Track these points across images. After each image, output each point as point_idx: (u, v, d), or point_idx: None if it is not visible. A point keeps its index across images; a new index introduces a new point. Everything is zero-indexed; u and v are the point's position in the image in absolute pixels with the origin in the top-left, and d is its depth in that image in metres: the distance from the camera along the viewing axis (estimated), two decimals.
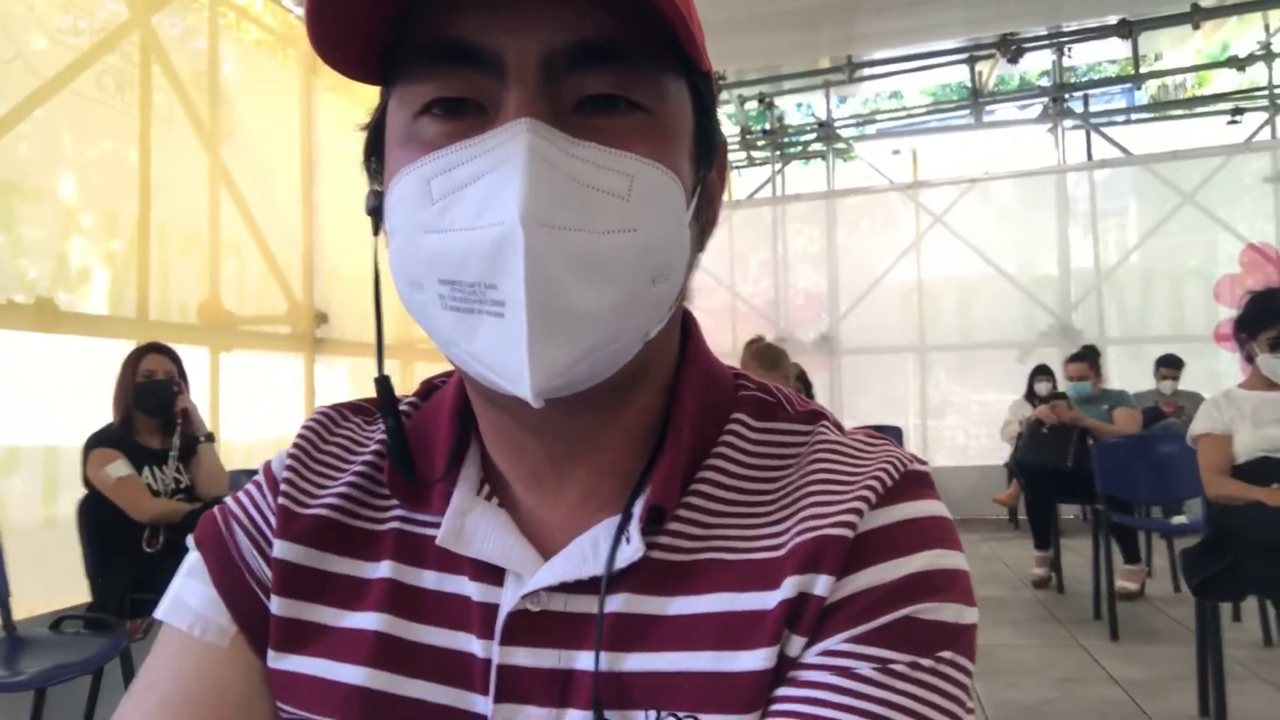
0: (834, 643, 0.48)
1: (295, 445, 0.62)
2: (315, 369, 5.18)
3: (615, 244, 0.46)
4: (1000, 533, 7.12)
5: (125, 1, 4.10)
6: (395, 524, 0.58)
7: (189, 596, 0.58)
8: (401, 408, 0.63)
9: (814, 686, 0.48)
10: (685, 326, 0.60)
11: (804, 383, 5.29)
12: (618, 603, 0.51)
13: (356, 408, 0.66)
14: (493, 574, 0.54)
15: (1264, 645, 3.75)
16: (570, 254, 0.45)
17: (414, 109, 0.49)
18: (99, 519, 2.94)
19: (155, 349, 3.21)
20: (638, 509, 0.53)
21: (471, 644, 0.53)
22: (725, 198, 0.56)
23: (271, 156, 5.15)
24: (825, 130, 9.26)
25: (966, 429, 8.29)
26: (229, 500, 0.63)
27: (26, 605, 2.69)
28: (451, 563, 0.55)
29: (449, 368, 0.58)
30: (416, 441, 0.59)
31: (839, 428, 0.58)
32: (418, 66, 0.49)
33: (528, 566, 0.53)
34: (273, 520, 0.59)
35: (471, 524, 0.55)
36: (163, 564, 2.92)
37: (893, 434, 6.77)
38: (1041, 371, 6.20)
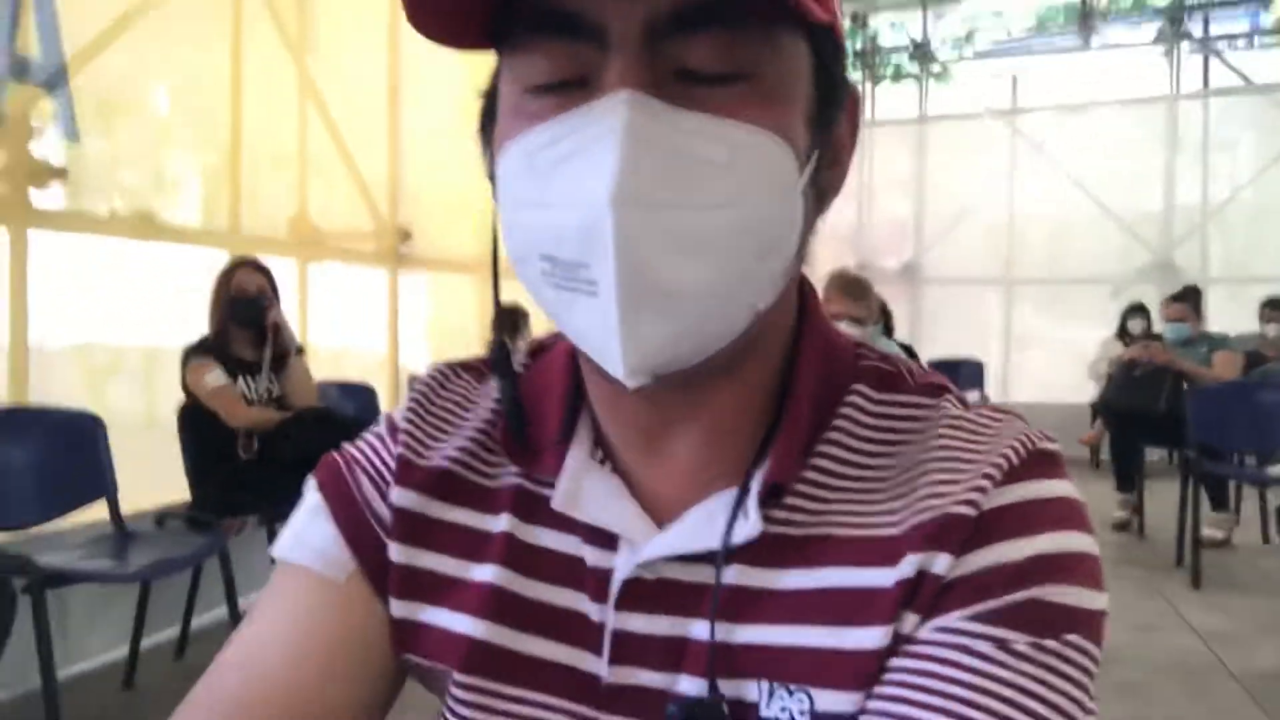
0: (951, 620, 0.47)
1: (411, 399, 0.63)
2: (399, 283, 5.27)
3: (715, 219, 0.44)
4: (1081, 473, 6.97)
5: None
6: (512, 480, 0.58)
7: (310, 535, 0.59)
8: (520, 364, 0.64)
9: (928, 660, 0.47)
10: (803, 293, 0.58)
11: (885, 314, 5.19)
12: (732, 574, 0.51)
13: (467, 366, 0.66)
14: (607, 539, 0.54)
15: None
16: (665, 232, 0.43)
17: (520, 83, 0.48)
18: (197, 425, 3.09)
19: (248, 264, 3.31)
20: (755, 484, 0.52)
21: (585, 604, 0.54)
22: None
23: (357, 71, 5.17)
24: (920, 50, 8.90)
25: (1051, 365, 8.07)
26: (348, 446, 0.64)
27: (131, 500, 2.85)
28: (567, 524, 0.55)
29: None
30: (529, 404, 0.59)
31: (963, 402, 0.56)
32: (523, 37, 0.47)
33: (641, 534, 0.53)
34: (394, 467, 0.59)
35: (587, 488, 0.55)
36: (256, 468, 3.08)
37: (973, 367, 6.63)
38: (1136, 310, 5.98)
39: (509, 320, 5.04)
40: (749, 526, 0.51)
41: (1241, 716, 2.68)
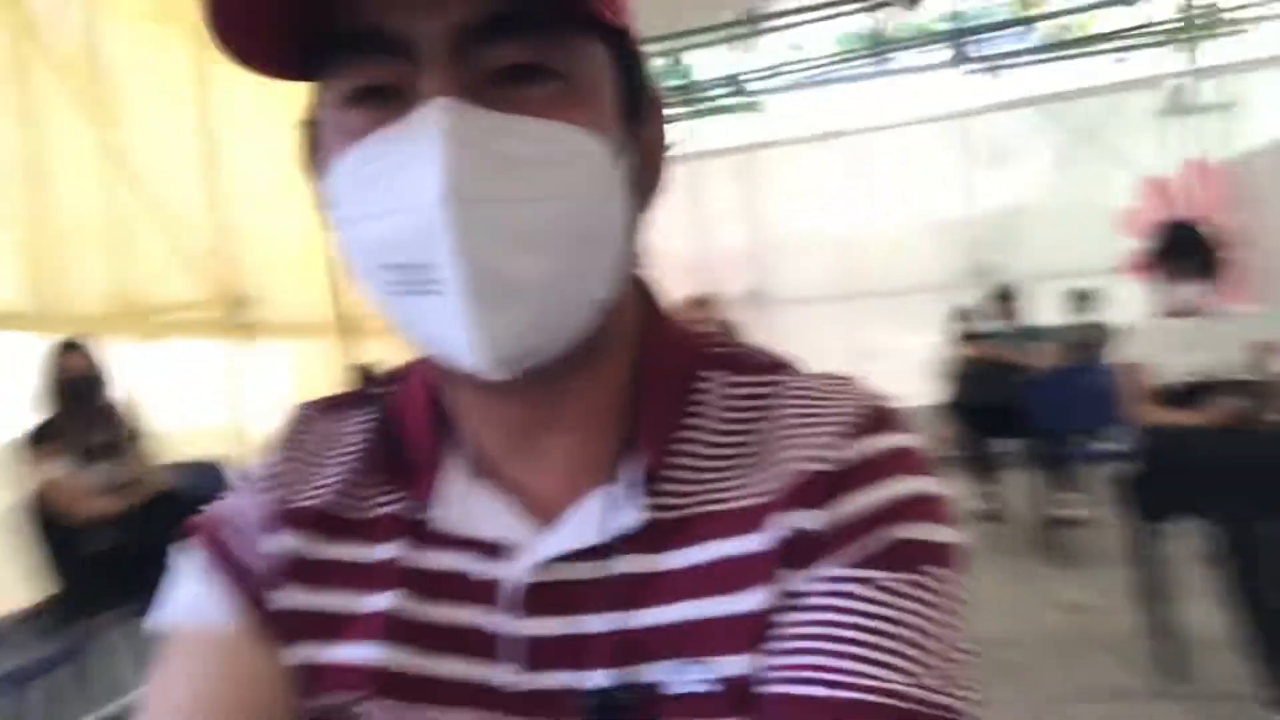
0: (824, 569, 0.51)
1: (278, 442, 0.63)
2: (241, 352, 5.00)
3: (540, 211, 0.47)
4: (940, 470, 7.31)
5: None
6: (392, 508, 0.58)
7: (189, 598, 0.59)
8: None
9: (810, 610, 0.50)
10: (647, 294, 0.61)
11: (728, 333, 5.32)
12: (620, 564, 0.53)
13: (330, 403, 0.66)
14: (495, 550, 0.55)
15: (1198, 562, 3.93)
16: (497, 226, 0.46)
17: (339, 102, 0.50)
18: (37, 521, 2.88)
19: (76, 345, 3.13)
20: (628, 474, 0.54)
21: (483, 618, 0.55)
22: None
23: (167, 137, 4.91)
24: (734, 83, 9.26)
25: (896, 372, 8.49)
26: (212, 506, 0.63)
27: None
28: (454, 542, 0.56)
29: (390, 346, 0.56)
30: (397, 430, 0.60)
31: (804, 373, 0.60)
32: (334, 58, 0.49)
33: (528, 539, 0.55)
34: (265, 516, 0.59)
35: (468, 504, 0.56)
36: (105, 561, 2.87)
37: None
38: (961, 312, 6.37)
39: (361, 380, 4.88)
40: (630, 515, 0.53)
41: (1114, 679, 2.87)
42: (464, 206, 0.44)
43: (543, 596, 0.54)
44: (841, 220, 8.76)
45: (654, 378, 0.57)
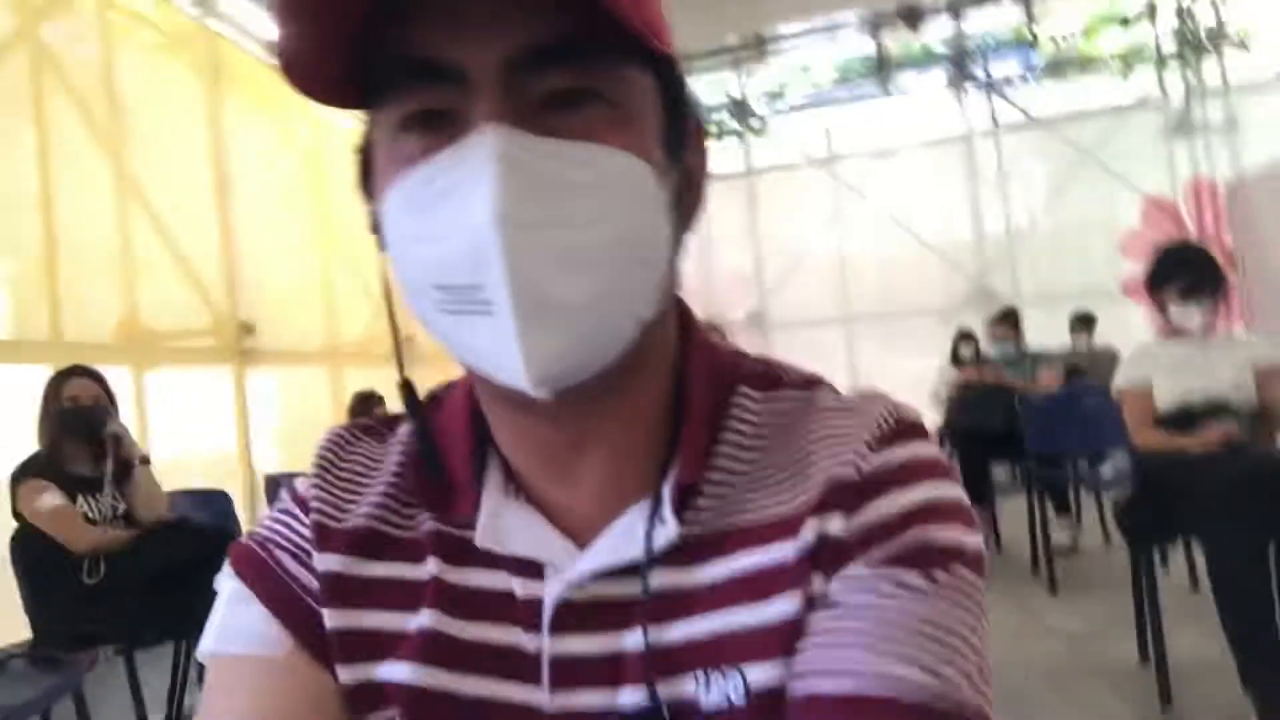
0: (852, 570, 0.52)
1: (317, 465, 0.64)
2: (245, 382, 5.04)
3: (590, 235, 0.48)
4: None
5: (11, 12, 3.90)
6: (431, 526, 0.59)
7: (238, 622, 0.59)
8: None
9: (838, 608, 0.51)
10: (683, 314, 0.62)
11: None
12: (656, 580, 0.54)
13: (366, 427, 0.67)
14: (533, 569, 0.56)
15: (1191, 590, 3.93)
16: (547, 249, 0.47)
17: (393, 128, 0.51)
18: (34, 553, 2.84)
19: (78, 372, 3.09)
20: (667, 490, 0.55)
21: (519, 636, 0.55)
22: None
23: (180, 165, 4.98)
24: (739, 107, 9.32)
25: (895, 395, 8.46)
26: (258, 527, 0.63)
27: None
28: (492, 561, 0.57)
29: (377, 375, 0.58)
30: (437, 448, 0.61)
31: (834, 390, 0.62)
32: (388, 87, 0.51)
33: (565, 558, 0.56)
34: (310, 537, 0.60)
35: (506, 522, 0.57)
36: (106, 593, 2.82)
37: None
38: (965, 336, 6.36)
39: (363, 406, 4.91)
40: (667, 531, 0.54)
41: (1107, 709, 2.86)
42: (514, 230, 0.46)
43: (577, 614, 0.55)
44: (842, 243, 8.77)
45: (694, 396, 0.58)
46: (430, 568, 0.58)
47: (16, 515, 2.86)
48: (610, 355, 0.51)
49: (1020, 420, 4.52)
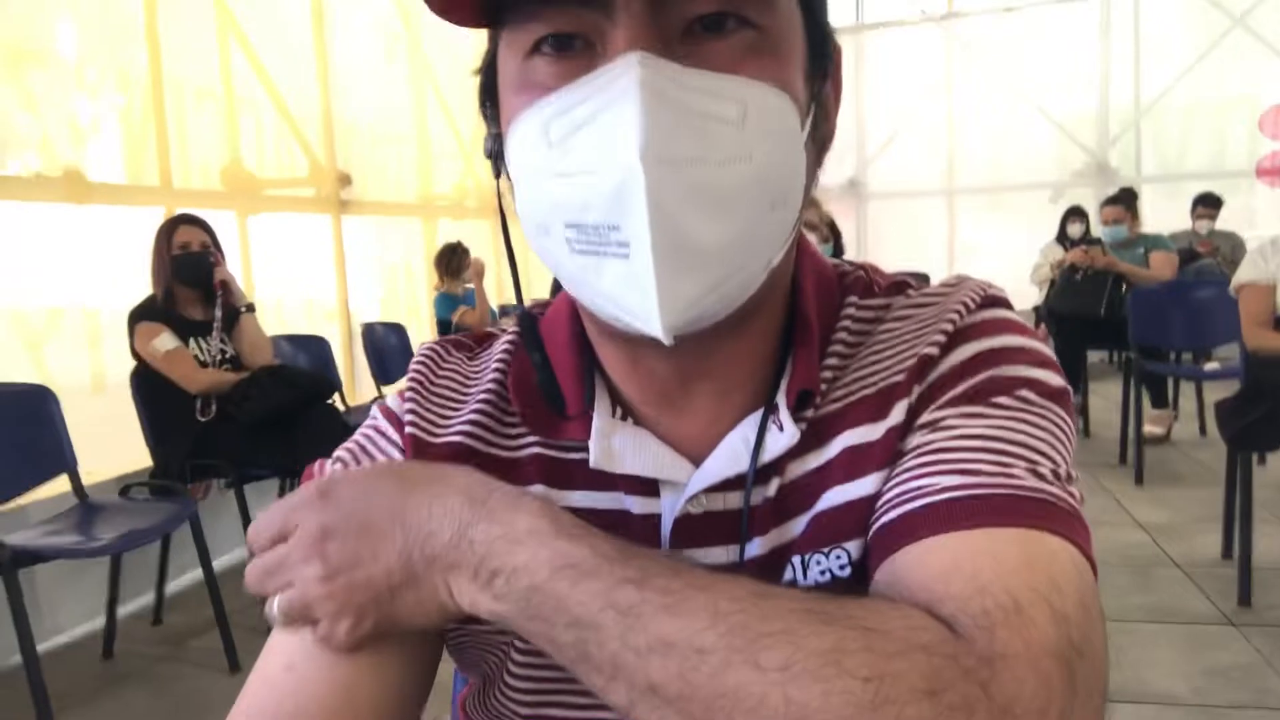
0: (925, 415, 0.53)
1: (410, 380, 0.64)
2: (343, 230, 5.14)
3: (732, 174, 0.45)
4: None
5: None
6: (534, 450, 0.59)
7: None
8: (508, 338, 0.65)
9: (913, 448, 0.52)
10: (799, 237, 0.61)
11: (834, 231, 5.20)
12: (772, 485, 0.55)
13: (457, 343, 0.67)
14: (648, 487, 0.57)
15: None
16: (689, 188, 0.44)
17: (523, 50, 0.49)
18: (151, 390, 3.02)
19: (187, 220, 3.19)
20: (781, 400, 0.56)
21: None
22: None
23: (281, 5, 4.94)
24: None
25: (995, 272, 8.20)
26: (347, 445, 0.63)
27: (88, 468, 2.78)
28: (603, 481, 0.57)
29: (467, 227, 0.56)
30: (542, 370, 0.60)
31: (925, 286, 0.62)
32: (523, 7, 0.48)
33: (682, 474, 0.56)
34: (406, 448, 0.60)
35: (619, 444, 0.57)
36: (217, 430, 3.02)
37: (919, 280, 6.69)
38: (1075, 213, 6.05)
39: (450, 256, 4.97)
40: (786, 436, 0.55)
41: (1185, 602, 2.84)
42: (661, 169, 0.43)
43: (695, 527, 0.56)
44: (949, 110, 8.32)
45: (810, 314, 0.58)
46: (538, 490, 0.58)
47: (135, 354, 3.03)
48: (740, 301, 0.50)
49: (1125, 308, 4.35)
